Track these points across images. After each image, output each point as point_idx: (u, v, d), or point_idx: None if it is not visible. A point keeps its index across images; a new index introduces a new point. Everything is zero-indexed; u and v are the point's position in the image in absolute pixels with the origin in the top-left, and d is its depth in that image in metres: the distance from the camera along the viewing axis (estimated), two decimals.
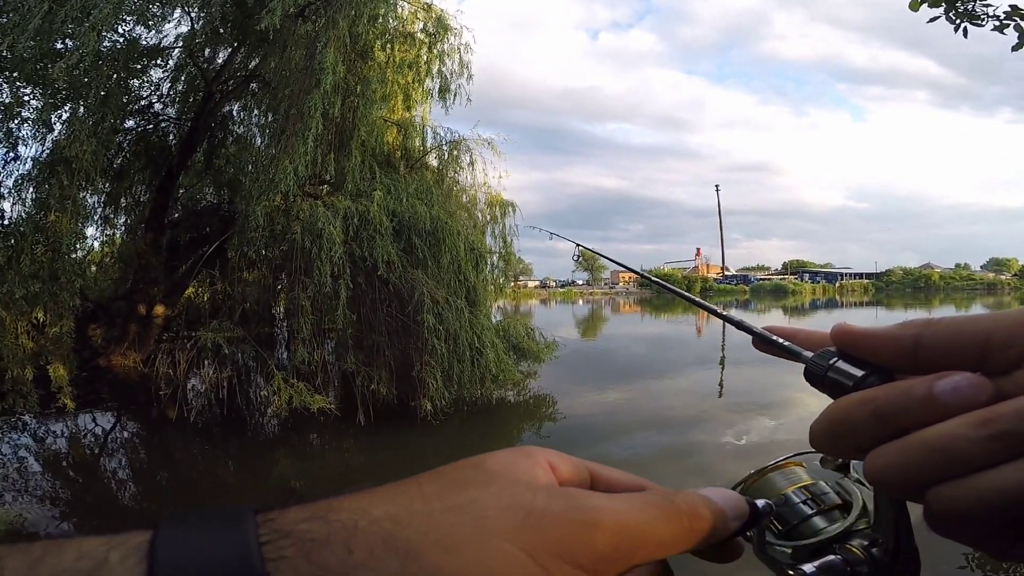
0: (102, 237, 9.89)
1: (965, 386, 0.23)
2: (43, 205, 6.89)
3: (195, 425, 7.13)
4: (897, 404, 0.24)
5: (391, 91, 8.28)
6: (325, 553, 0.21)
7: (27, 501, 4.64)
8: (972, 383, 0.23)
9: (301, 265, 6.68)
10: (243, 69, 8.94)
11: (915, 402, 0.24)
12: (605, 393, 9.08)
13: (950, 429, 0.23)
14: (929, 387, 0.24)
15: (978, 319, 0.25)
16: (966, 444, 0.22)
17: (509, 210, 9.38)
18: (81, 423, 7.06)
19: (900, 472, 0.24)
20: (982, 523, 0.23)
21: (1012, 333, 0.24)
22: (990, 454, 0.22)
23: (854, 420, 0.25)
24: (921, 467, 0.23)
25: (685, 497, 0.27)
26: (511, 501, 0.24)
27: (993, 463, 0.22)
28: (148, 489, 5.47)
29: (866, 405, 0.25)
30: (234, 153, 9.82)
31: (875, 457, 0.25)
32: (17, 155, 7.10)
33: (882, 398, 0.25)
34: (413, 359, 6.68)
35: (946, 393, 0.23)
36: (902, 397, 0.24)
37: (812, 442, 0.27)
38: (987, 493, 0.22)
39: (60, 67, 5.99)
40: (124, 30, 7.55)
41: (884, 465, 0.24)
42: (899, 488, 0.25)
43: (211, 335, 7.07)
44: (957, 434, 0.23)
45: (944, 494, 0.23)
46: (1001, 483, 0.22)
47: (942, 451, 0.23)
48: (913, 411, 0.24)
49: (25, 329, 7.04)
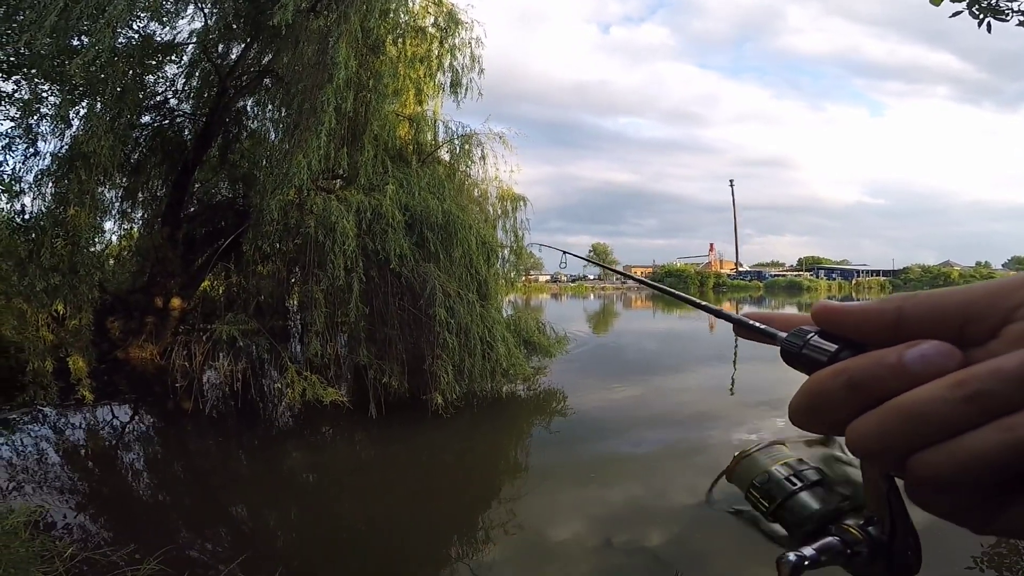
0: (120, 231, 10.07)
1: (934, 354, 0.24)
2: (62, 200, 7.00)
3: (210, 417, 7.24)
4: (869, 373, 0.24)
5: (403, 85, 8.30)
6: None
7: (46, 492, 4.73)
8: (941, 350, 0.24)
9: (315, 258, 6.73)
10: (256, 64, 9.00)
11: (886, 371, 0.24)
12: (615, 389, 9.06)
13: (926, 392, 0.23)
14: (899, 355, 0.24)
15: (955, 291, 0.26)
16: (943, 407, 0.22)
17: (520, 204, 9.38)
18: (99, 415, 7.17)
19: (880, 440, 0.24)
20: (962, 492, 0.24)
21: (988, 304, 0.25)
22: (967, 417, 0.22)
23: (830, 392, 0.25)
24: (900, 433, 0.23)
25: None
26: None
27: (971, 426, 0.22)
28: (163, 480, 5.55)
29: (840, 376, 0.25)
30: (248, 148, 9.91)
31: (855, 427, 0.25)
32: (37, 151, 7.22)
33: (855, 368, 0.25)
34: (425, 353, 6.72)
35: (915, 360, 0.24)
36: (874, 366, 0.24)
37: (791, 418, 0.28)
38: (967, 456, 0.22)
39: (77, 63, 6.06)
40: (139, 26, 7.65)
41: (864, 434, 0.24)
42: (881, 457, 0.25)
43: (226, 328, 7.16)
44: (933, 397, 0.23)
45: (924, 460, 0.23)
46: (980, 445, 0.22)
47: (919, 415, 0.23)
48: (885, 380, 0.24)
49: (45, 321, 7.18)
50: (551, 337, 8.97)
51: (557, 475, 5.29)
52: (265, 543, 4.00)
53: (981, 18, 3.74)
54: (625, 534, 3.90)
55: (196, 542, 3.93)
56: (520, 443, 6.68)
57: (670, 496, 4.63)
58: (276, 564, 3.12)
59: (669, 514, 4.08)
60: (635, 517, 4.14)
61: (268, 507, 4.77)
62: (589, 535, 3.99)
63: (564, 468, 5.49)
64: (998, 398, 0.22)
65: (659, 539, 3.54)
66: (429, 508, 4.77)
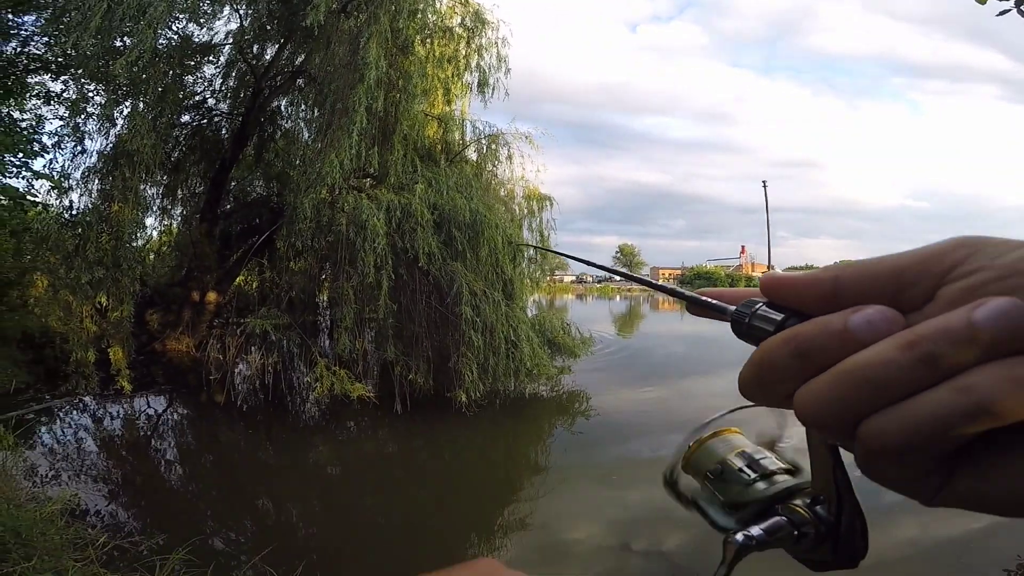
0: (160, 227, 10.44)
1: (879, 318, 0.23)
2: (107, 196, 7.29)
3: (241, 409, 7.43)
4: (815, 340, 0.24)
5: (431, 85, 8.37)
6: None
7: (83, 481, 4.90)
8: (885, 315, 0.23)
9: (345, 256, 6.85)
10: (290, 65, 9.21)
11: (832, 336, 0.24)
12: (640, 391, 8.97)
13: (875, 354, 0.22)
14: (844, 320, 0.24)
15: (890, 257, 0.26)
16: (894, 369, 0.22)
17: (546, 204, 9.37)
18: (136, 405, 7.42)
19: (829, 405, 0.23)
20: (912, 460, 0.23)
21: (921, 269, 0.25)
22: (918, 378, 0.22)
23: (777, 360, 0.25)
24: (850, 398, 0.23)
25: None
26: None
27: (922, 387, 0.22)
28: (194, 471, 5.72)
29: (787, 344, 0.25)
30: (282, 147, 10.15)
31: (802, 393, 0.24)
32: (84, 149, 7.54)
33: (802, 334, 0.25)
34: (450, 350, 6.77)
35: (860, 325, 0.23)
36: (820, 332, 0.24)
37: (741, 391, 0.27)
38: (920, 419, 0.21)
39: (120, 63, 6.30)
40: (177, 28, 7.92)
41: (813, 400, 0.24)
42: (832, 424, 0.24)
43: (259, 322, 7.34)
44: (883, 359, 0.22)
45: (875, 426, 0.22)
46: (934, 408, 0.21)
47: (870, 378, 0.22)
48: (831, 346, 0.24)
49: (89, 313, 7.47)
50: (576, 337, 8.93)
51: (578, 476, 5.27)
52: (289, 536, 4.08)
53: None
54: (644, 538, 3.86)
55: (222, 533, 4.05)
56: (541, 443, 6.68)
57: None
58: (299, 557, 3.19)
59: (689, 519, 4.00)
60: (655, 521, 4.10)
61: (293, 500, 4.88)
62: (607, 537, 3.97)
63: (585, 469, 5.46)
64: (947, 357, 0.21)
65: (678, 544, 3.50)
66: (450, 504, 4.81)
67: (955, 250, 0.24)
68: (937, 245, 0.25)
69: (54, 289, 7.54)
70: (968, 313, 0.21)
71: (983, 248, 0.24)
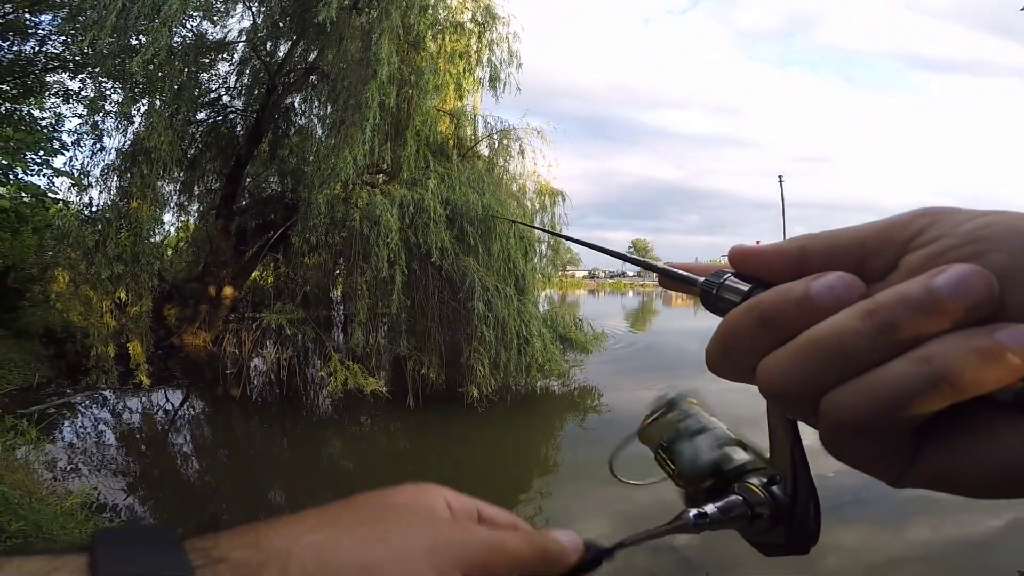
0: (177, 223, 10.59)
1: (839, 285, 0.23)
2: (126, 193, 7.41)
3: (256, 403, 7.53)
4: (778, 307, 0.24)
5: (443, 81, 8.37)
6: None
7: (102, 475, 4.98)
8: (845, 281, 0.23)
9: (359, 251, 6.89)
10: (303, 62, 9.26)
11: (794, 304, 0.23)
12: (651, 388, 8.91)
13: (836, 323, 0.22)
14: (806, 286, 0.23)
15: (854, 228, 0.25)
16: (854, 338, 0.21)
17: (558, 199, 9.35)
18: (154, 399, 7.54)
19: (791, 377, 0.23)
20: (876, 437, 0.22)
21: (883, 238, 0.24)
22: (879, 349, 0.21)
23: (741, 330, 0.25)
24: (813, 369, 0.22)
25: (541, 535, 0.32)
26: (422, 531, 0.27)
27: (882, 359, 0.21)
28: (210, 464, 5.80)
29: (751, 312, 0.25)
30: (297, 143, 10.22)
31: (766, 364, 0.24)
32: (103, 146, 7.65)
33: (764, 302, 0.24)
34: (462, 345, 6.80)
35: (821, 292, 0.23)
36: (782, 300, 0.24)
37: (708, 366, 0.27)
38: (881, 392, 0.21)
39: (137, 62, 6.38)
40: (192, 26, 8.00)
41: (776, 371, 0.23)
42: (794, 397, 0.23)
43: (274, 316, 7.43)
44: (844, 328, 0.22)
45: (839, 400, 0.22)
46: (894, 380, 0.21)
47: (832, 348, 0.22)
48: (793, 313, 0.23)
49: (108, 308, 7.60)
50: (588, 333, 8.91)
51: (588, 472, 5.26)
52: None
53: None
54: None
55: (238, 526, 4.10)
56: (552, 438, 6.68)
57: None
58: None
59: None
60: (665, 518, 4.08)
61: (307, 493, 4.94)
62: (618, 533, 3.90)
63: (595, 465, 5.44)
64: (907, 326, 0.21)
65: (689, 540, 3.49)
66: None
67: (917, 219, 0.24)
68: (900, 215, 0.25)
69: (75, 285, 7.69)
70: (927, 280, 0.21)
71: (945, 217, 0.23)
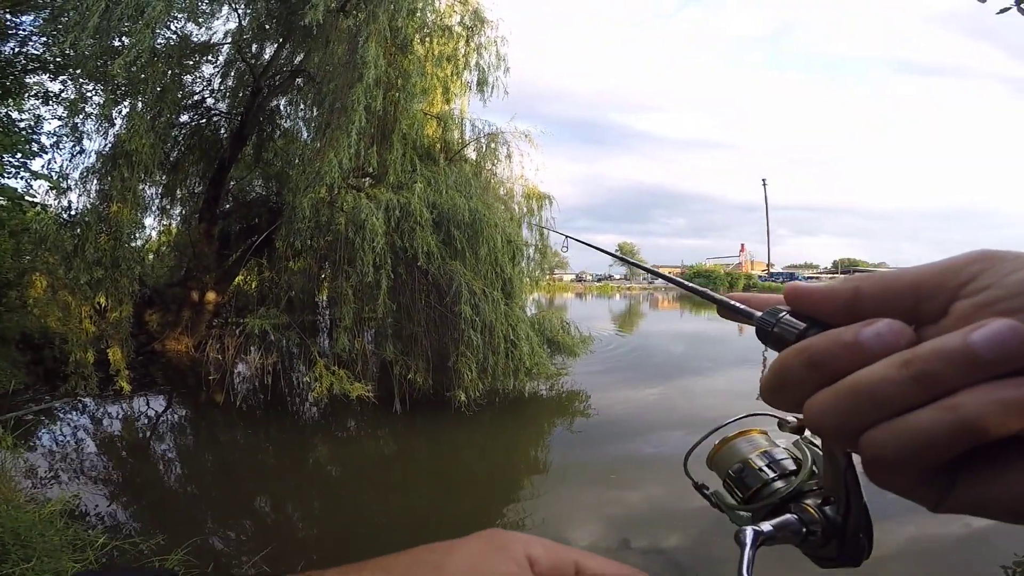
0: (159, 227, 10.43)
1: (887, 331, 0.24)
2: (106, 196, 7.28)
3: (240, 409, 7.42)
4: (827, 351, 0.25)
5: (431, 84, 8.36)
6: None
7: (82, 481, 4.90)
8: (893, 328, 0.24)
9: (345, 255, 6.84)
10: (289, 64, 9.20)
11: (843, 348, 0.25)
12: (639, 390, 8.97)
13: (875, 371, 0.23)
14: (855, 333, 0.25)
15: (908, 271, 0.26)
16: (890, 386, 0.23)
17: (546, 203, 9.37)
18: (135, 406, 7.41)
19: (833, 417, 0.24)
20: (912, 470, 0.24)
21: (938, 282, 0.25)
22: (912, 396, 0.22)
23: (792, 369, 0.26)
24: (851, 410, 0.24)
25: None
26: None
27: (916, 405, 0.23)
28: (193, 471, 5.71)
29: (801, 354, 0.26)
30: (281, 146, 10.14)
31: (811, 404, 0.25)
32: (82, 149, 7.53)
33: (815, 346, 0.26)
34: (449, 350, 6.77)
35: (869, 338, 0.24)
36: (831, 344, 0.25)
37: (762, 395, 0.28)
38: (910, 435, 0.22)
39: (119, 63, 6.28)
40: (176, 27, 7.90)
41: (819, 410, 0.25)
42: (835, 434, 0.25)
43: (258, 322, 7.33)
44: (882, 376, 0.23)
45: (874, 438, 0.24)
46: (921, 424, 0.22)
47: (869, 393, 0.23)
48: (842, 357, 0.25)
49: (88, 314, 7.46)
50: (575, 336, 8.93)
51: (577, 474, 5.27)
52: (288, 536, 4.08)
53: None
54: (644, 536, 3.86)
55: (222, 533, 4.04)
56: (541, 442, 6.68)
57: (691, 499, 4.53)
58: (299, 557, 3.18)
59: (689, 517, 4.02)
60: (655, 519, 4.10)
61: (292, 500, 4.88)
62: (607, 535, 3.96)
63: (584, 468, 5.46)
64: (940, 377, 0.22)
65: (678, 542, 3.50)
66: (449, 503, 4.81)
67: (970, 265, 0.25)
68: (954, 259, 0.26)
69: (53, 290, 7.54)
70: (965, 335, 0.22)
71: (997, 264, 0.25)
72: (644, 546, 3.67)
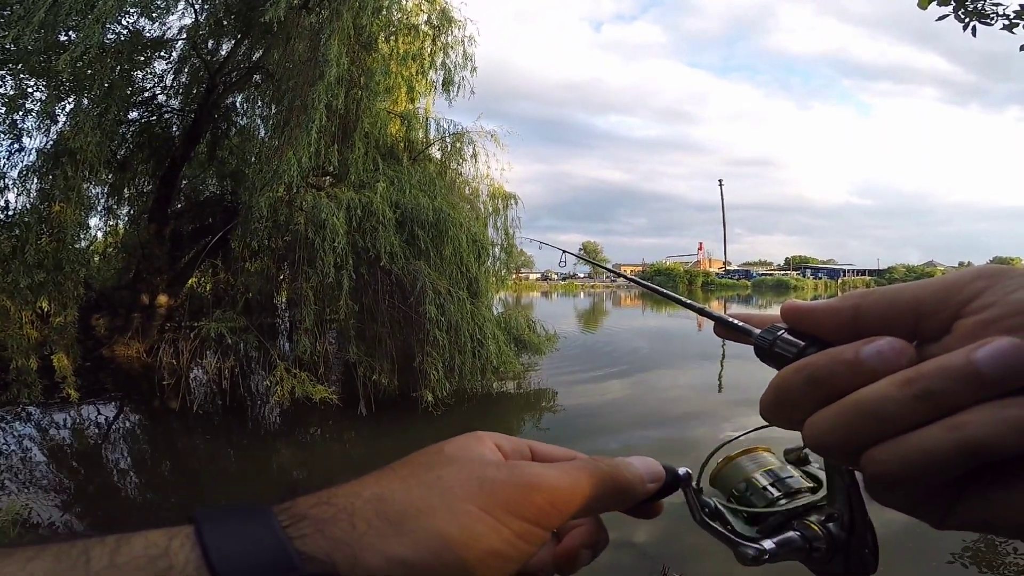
0: (106, 227, 9.94)
1: (888, 350, 0.24)
2: (47, 196, 6.92)
3: (197, 415, 7.18)
4: (828, 369, 0.25)
5: (395, 83, 8.28)
6: (334, 528, 0.26)
7: (32, 492, 4.68)
8: (894, 346, 0.24)
9: (304, 255, 6.70)
10: (247, 61, 8.93)
11: (843, 366, 0.25)
12: (605, 386, 9.11)
13: (877, 389, 0.23)
14: (856, 351, 0.25)
15: (908, 287, 0.27)
16: (892, 404, 0.23)
17: (511, 202, 9.41)
18: (84, 413, 7.09)
19: (834, 435, 0.25)
20: (915, 487, 0.24)
21: (939, 299, 0.25)
22: (916, 414, 0.23)
23: (792, 387, 0.26)
24: (853, 429, 0.24)
25: (608, 462, 0.33)
26: (468, 474, 0.29)
27: (919, 423, 0.23)
28: (150, 479, 5.51)
29: (801, 372, 0.26)
30: (237, 144, 9.83)
31: (812, 422, 0.25)
32: (22, 146, 7.14)
33: (815, 364, 0.26)
34: (415, 350, 6.72)
35: (871, 356, 0.24)
36: (832, 363, 0.25)
37: (761, 413, 0.29)
38: (913, 454, 0.23)
39: (65, 59, 5.98)
40: (128, 22, 7.56)
41: (820, 429, 0.25)
42: (837, 452, 0.25)
43: (214, 325, 7.10)
44: (884, 394, 0.23)
45: (875, 456, 0.24)
46: (926, 443, 0.22)
47: (870, 412, 0.23)
48: (843, 375, 0.25)
49: (30, 319, 7.08)
50: (541, 335, 9.00)
51: None
52: None
53: (967, 22, 3.81)
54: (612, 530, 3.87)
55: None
56: None
57: None
58: None
59: None
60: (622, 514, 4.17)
61: None
62: None
63: None
64: (944, 396, 0.22)
65: (647, 535, 3.58)
66: None
67: (973, 282, 0.25)
68: (957, 275, 0.26)
69: None
70: (968, 353, 0.22)
71: (1001, 281, 0.24)
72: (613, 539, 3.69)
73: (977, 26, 3.78)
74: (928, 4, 3.82)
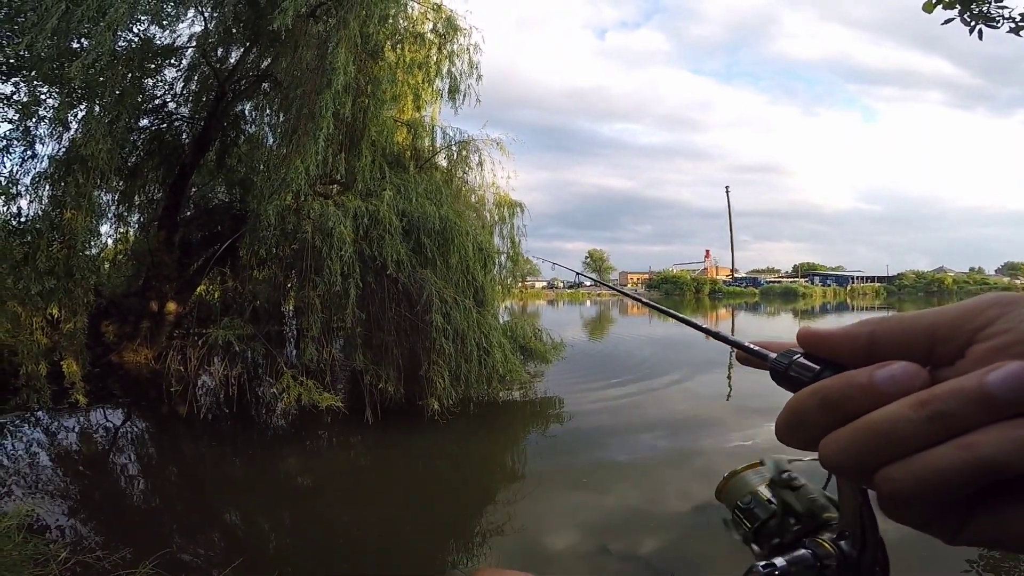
0: (116, 234, 10.03)
1: (901, 374, 0.25)
2: (59, 203, 6.98)
3: (204, 421, 7.20)
4: (842, 392, 0.26)
5: (401, 91, 8.33)
6: None
7: (39, 496, 4.70)
8: (908, 370, 0.25)
9: (311, 264, 6.73)
10: (255, 69, 9.02)
11: (857, 390, 0.25)
12: (612, 395, 9.06)
13: (891, 410, 0.24)
14: (870, 375, 0.25)
15: (924, 314, 0.27)
16: (906, 425, 0.24)
17: (517, 210, 9.42)
18: (93, 419, 7.13)
19: (849, 455, 0.25)
20: (927, 505, 0.25)
21: (954, 326, 0.26)
22: (928, 434, 0.23)
23: (807, 410, 0.27)
24: (867, 449, 0.25)
25: None
26: None
27: (932, 443, 0.23)
28: (157, 485, 5.52)
29: (816, 395, 0.27)
30: (246, 152, 9.90)
31: (826, 443, 0.26)
32: (34, 153, 7.20)
33: (829, 387, 0.26)
34: (421, 358, 6.71)
35: (885, 380, 0.25)
36: (846, 386, 0.26)
37: (777, 435, 0.29)
38: (926, 472, 0.23)
39: (77, 66, 6.06)
40: (139, 30, 7.66)
41: (835, 449, 0.26)
42: (851, 472, 0.26)
43: (222, 332, 7.13)
44: (898, 415, 0.24)
45: (889, 475, 0.24)
46: (939, 462, 0.23)
47: (885, 432, 0.24)
48: (856, 398, 0.25)
49: (40, 325, 7.13)
50: (547, 343, 8.98)
51: (553, 481, 5.29)
52: (259, 548, 3.98)
53: (972, 25, 3.80)
54: (620, 540, 3.90)
55: (190, 547, 3.92)
56: (516, 449, 6.68)
57: (665, 503, 4.64)
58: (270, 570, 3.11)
59: (664, 521, 4.09)
60: (630, 523, 4.15)
61: (262, 512, 4.75)
62: (584, 541, 3.99)
63: (560, 474, 5.48)
64: (957, 417, 0.23)
65: (654, 546, 3.55)
66: (424, 513, 4.76)
67: (987, 309, 0.26)
68: (971, 302, 0.27)
69: (1, 300, 7.17)
70: (980, 376, 0.23)
71: (1015, 309, 0.25)
72: (621, 550, 3.71)
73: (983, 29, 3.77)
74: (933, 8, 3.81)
